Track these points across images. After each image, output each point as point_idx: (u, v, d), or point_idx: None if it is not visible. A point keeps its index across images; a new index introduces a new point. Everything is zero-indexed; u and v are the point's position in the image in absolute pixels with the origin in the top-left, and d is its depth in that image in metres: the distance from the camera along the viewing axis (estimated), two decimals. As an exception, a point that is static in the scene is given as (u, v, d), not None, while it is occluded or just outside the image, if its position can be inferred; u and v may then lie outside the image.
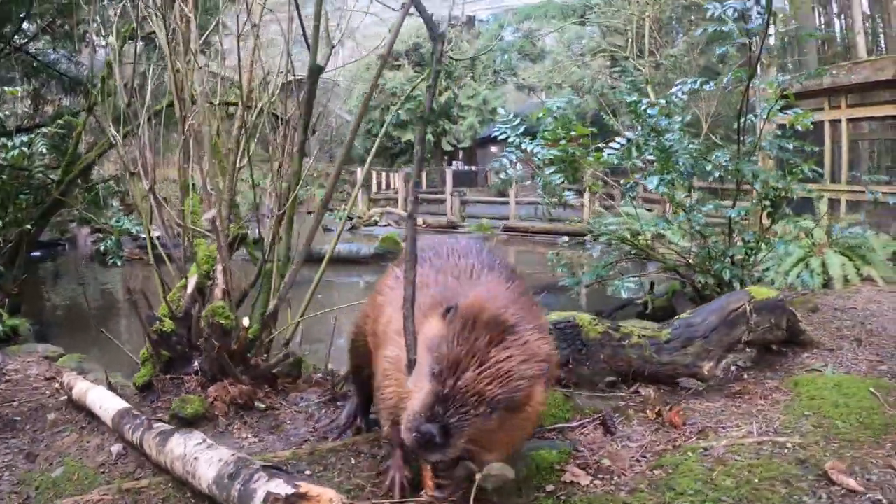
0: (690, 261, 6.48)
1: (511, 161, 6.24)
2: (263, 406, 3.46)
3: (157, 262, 4.64)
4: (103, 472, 2.87)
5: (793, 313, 4.48)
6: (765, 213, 6.01)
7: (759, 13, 5.39)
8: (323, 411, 3.55)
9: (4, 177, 7.38)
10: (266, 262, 4.50)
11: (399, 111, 30.20)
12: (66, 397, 3.93)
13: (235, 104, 5.34)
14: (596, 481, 2.64)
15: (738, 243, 6.15)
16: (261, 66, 5.10)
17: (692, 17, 19.75)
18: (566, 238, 8.58)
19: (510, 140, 6.11)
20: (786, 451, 2.80)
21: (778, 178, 5.91)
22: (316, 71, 4.26)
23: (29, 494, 2.75)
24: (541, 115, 6.21)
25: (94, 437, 3.26)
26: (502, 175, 6.96)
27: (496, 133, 6.35)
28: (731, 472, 2.59)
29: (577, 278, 7.06)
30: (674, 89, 6.00)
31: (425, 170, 29.33)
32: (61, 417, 3.65)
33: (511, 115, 6.34)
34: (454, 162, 32.95)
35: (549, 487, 2.57)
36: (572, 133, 5.93)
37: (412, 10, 3.09)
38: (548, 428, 3.24)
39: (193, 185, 5.26)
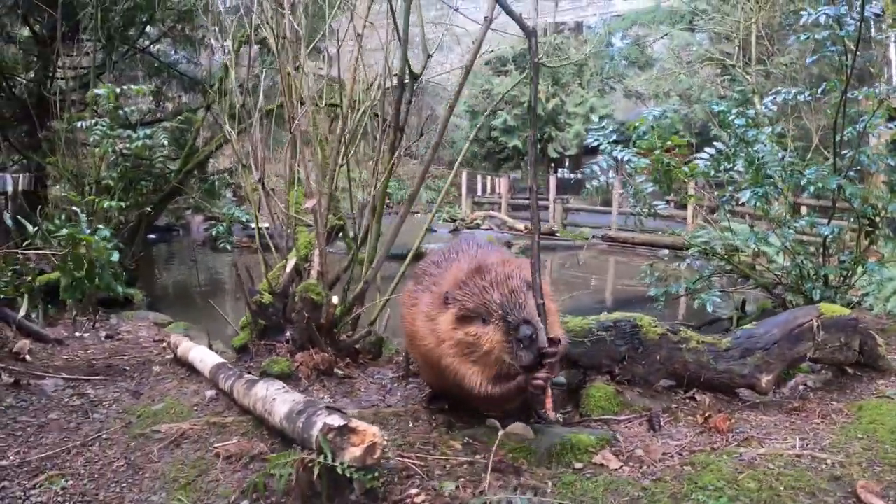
0: (783, 280, 6.30)
1: (602, 168, 6.25)
2: (341, 374, 3.89)
3: (264, 248, 5.19)
4: (196, 410, 3.39)
5: (872, 336, 4.35)
6: (863, 233, 5.77)
7: (853, 19, 5.22)
8: (395, 385, 3.92)
9: (128, 164, 8.21)
10: (358, 250, 4.91)
11: (507, 116, 30.50)
12: (171, 355, 4.52)
13: (338, 106, 5.78)
14: (625, 467, 2.84)
15: (834, 263, 5.92)
16: (363, 71, 5.51)
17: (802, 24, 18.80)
18: (666, 251, 8.45)
19: (601, 147, 6.15)
20: (823, 467, 2.85)
21: (879, 196, 5.70)
22: (403, 81, 4.67)
23: (131, 420, 3.28)
24: (637, 124, 6.16)
25: (192, 384, 3.82)
26: (594, 182, 7.10)
27: (590, 141, 6.38)
28: (758, 477, 2.70)
29: (662, 289, 6.85)
30: (766, 100, 5.97)
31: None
32: (165, 370, 4.24)
33: (604, 123, 6.35)
34: (560, 169, 32.87)
35: (578, 465, 2.82)
36: (668, 143, 5.88)
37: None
38: (595, 418, 3.46)
39: (298, 178, 5.73)
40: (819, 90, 5.97)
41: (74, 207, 5.46)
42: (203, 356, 3.92)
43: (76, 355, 4.82)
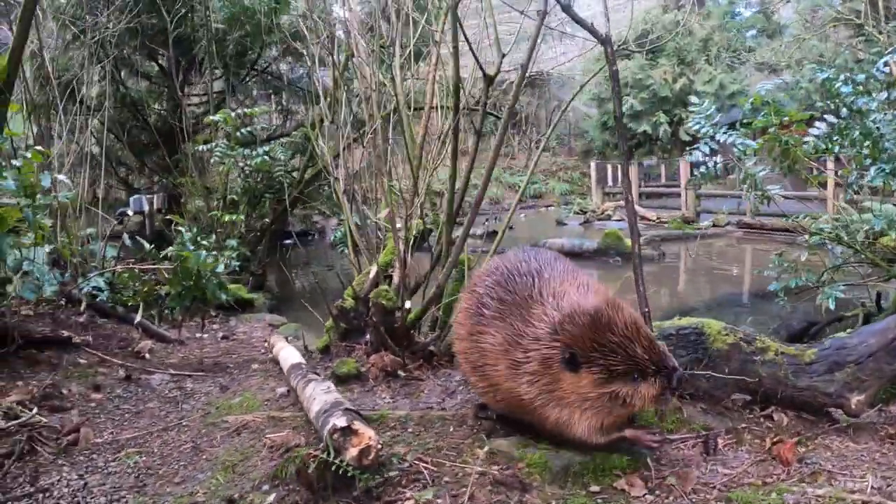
0: None
1: (705, 154, 5.73)
2: (406, 375, 3.99)
3: (357, 252, 5.43)
4: (266, 404, 3.62)
5: None
6: None
7: None
8: (460, 388, 3.94)
9: (250, 180, 8.85)
10: (439, 255, 5.01)
11: (633, 101, 29.55)
12: (270, 354, 4.84)
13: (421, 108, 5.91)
14: (648, 496, 2.63)
15: None
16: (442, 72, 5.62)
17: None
18: (807, 237, 7.77)
19: (703, 131, 5.69)
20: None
21: None
22: (488, 81, 4.74)
23: (209, 410, 3.59)
24: (751, 101, 5.70)
25: (273, 381, 4.09)
26: (701, 169, 6.74)
27: (691, 124, 5.95)
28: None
29: (783, 283, 6.12)
30: (880, 61, 5.31)
31: (664, 162, 28.38)
32: (261, 367, 4.56)
33: (704, 103, 5.92)
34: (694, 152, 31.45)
35: (595, 488, 2.66)
36: (784, 119, 5.39)
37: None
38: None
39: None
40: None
41: (179, 227, 5.98)
42: (288, 356, 4.18)
43: (192, 354, 5.29)
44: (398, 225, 4.85)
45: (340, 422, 2.36)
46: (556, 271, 3.03)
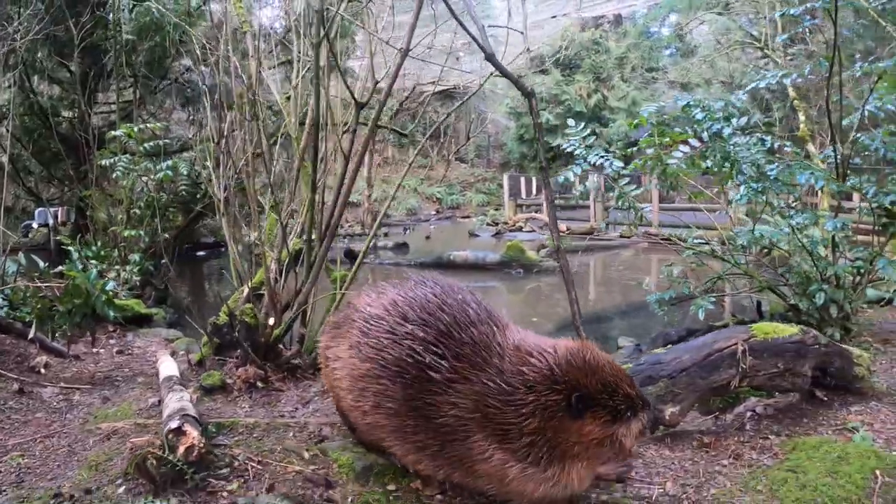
0: (788, 281, 5.92)
1: (575, 174, 5.99)
2: (264, 386, 4.54)
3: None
4: (138, 413, 4.13)
5: (844, 355, 4.00)
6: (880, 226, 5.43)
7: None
8: (317, 398, 4.46)
9: (153, 194, 9.23)
10: (308, 273, 5.52)
11: (549, 116, 30.81)
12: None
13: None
14: (439, 496, 2.91)
15: (845, 261, 5.53)
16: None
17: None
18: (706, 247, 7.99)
19: (576, 153, 6.02)
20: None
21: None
22: (358, 107, 5.19)
23: (88, 419, 4.09)
24: (636, 121, 6.03)
25: (150, 392, 4.59)
26: (578, 189, 7.19)
27: (565, 146, 6.25)
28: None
29: (658, 294, 6.52)
30: (750, 86, 5.89)
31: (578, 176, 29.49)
32: (145, 380, 5.05)
33: (579, 126, 6.25)
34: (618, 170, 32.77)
35: (391, 486, 3.00)
36: (665, 140, 5.63)
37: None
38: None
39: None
40: (806, 70, 5.85)
41: (70, 248, 6.38)
42: (165, 369, 4.67)
43: (86, 368, 5.68)
44: (268, 245, 5.40)
45: (174, 424, 2.94)
46: (500, 316, 2.80)
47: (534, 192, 29.37)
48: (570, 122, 6.57)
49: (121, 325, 7.28)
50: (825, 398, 3.98)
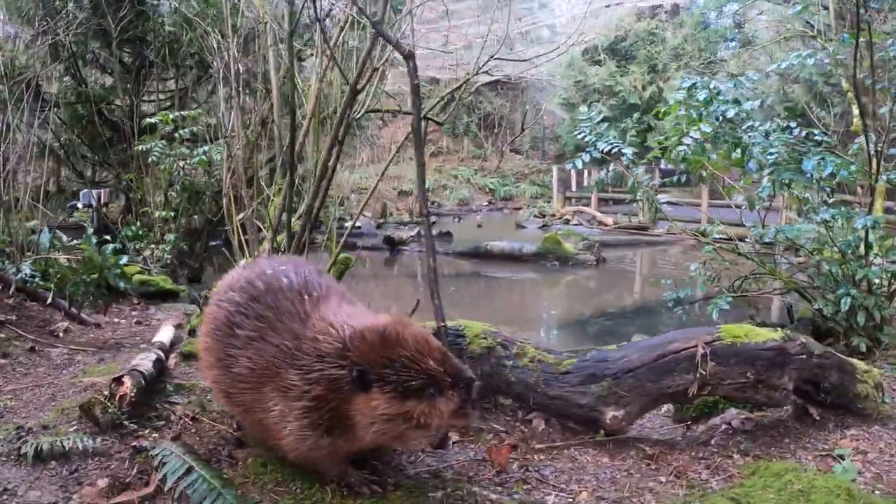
0: (815, 283, 5.63)
1: (584, 162, 5.91)
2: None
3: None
4: (121, 371, 4.51)
5: (846, 369, 3.55)
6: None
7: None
8: None
9: (189, 179, 9.75)
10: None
11: (602, 107, 30.42)
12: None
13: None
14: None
15: (880, 263, 5.13)
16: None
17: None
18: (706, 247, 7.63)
19: (587, 140, 5.91)
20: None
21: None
22: (353, 92, 5.36)
23: (78, 375, 4.47)
24: (665, 109, 5.93)
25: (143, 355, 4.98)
26: (595, 179, 7.08)
27: (576, 133, 6.16)
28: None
29: (674, 292, 6.37)
30: (772, 67, 5.83)
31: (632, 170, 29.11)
32: (147, 346, 5.45)
33: (592, 112, 6.12)
34: (661, 160, 32.17)
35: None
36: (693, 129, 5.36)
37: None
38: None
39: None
40: (830, 49, 5.61)
41: (85, 223, 6.88)
42: (158, 335, 4.98)
43: (102, 336, 6.13)
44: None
45: (114, 375, 3.29)
46: (324, 288, 2.91)
47: (584, 184, 29.08)
48: (583, 108, 6.46)
49: (147, 298, 7.77)
50: (819, 417, 3.54)
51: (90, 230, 6.15)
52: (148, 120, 9.72)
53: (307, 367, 2.60)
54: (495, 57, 5.47)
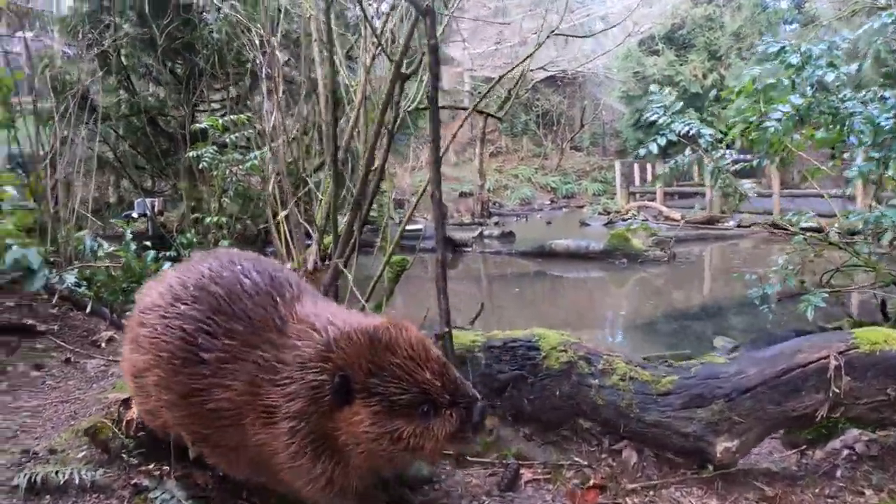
0: None
1: (660, 146, 5.48)
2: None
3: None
4: None
5: None
6: None
7: None
8: None
9: (242, 184, 9.55)
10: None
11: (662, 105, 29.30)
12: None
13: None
14: None
15: None
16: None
17: None
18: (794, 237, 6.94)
19: (660, 122, 5.44)
20: None
21: None
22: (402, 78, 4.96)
23: (108, 389, 4.14)
24: (738, 88, 5.39)
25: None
26: (667, 166, 6.37)
27: (648, 115, 5.67)
28: None
29: (760, 289, 5.63)
30: (860, 31, 5.25)
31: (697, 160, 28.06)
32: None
33: (665, 91, 5.64)
34: (729, 150, 30.89)
35: None
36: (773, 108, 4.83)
37: None
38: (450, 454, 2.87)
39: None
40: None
41: (123, 229, 6.68)
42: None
43: (147, 345, 5.94)
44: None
45: (124, 395, 2.88)
46: (295, 286, 2.45)
47: (648, 179, 28.06)
48: (653, 87, 5.93)
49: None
50: None
51: (128, 237, 5.90)
52: (196, 126, 9.56)
53: (287, 378, 2.15)
54: (559, 33, 4.96)
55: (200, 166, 9.33)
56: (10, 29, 8.22)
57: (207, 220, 9.09)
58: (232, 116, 9.71)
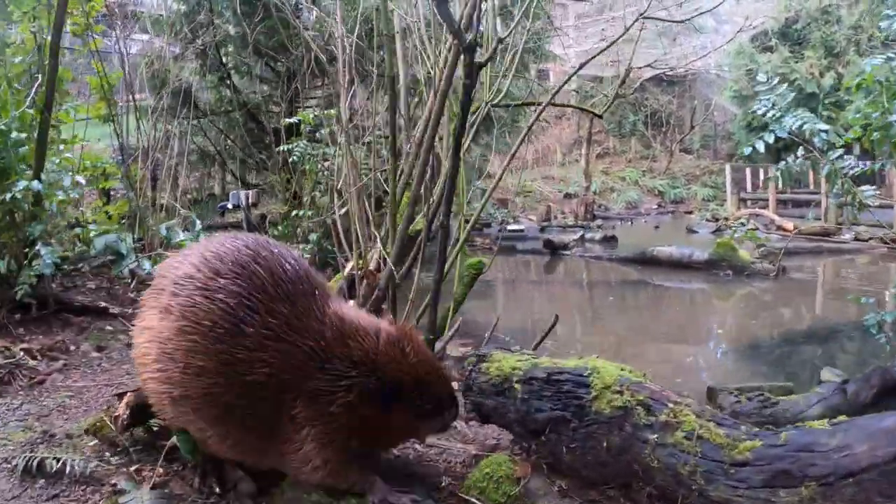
0: None
1: (767, 143, 4.81)
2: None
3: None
4: None
5: None
6: None
7: None
8: None
9: (333, 177, 9.62)
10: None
11: (778, 98, 27.45)
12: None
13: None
14: None
15: None
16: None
17: None
18: None
19: (770, 116, 4.82)
20: None
21: None
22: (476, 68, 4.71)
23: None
24: (858, 80, 4.86)
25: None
26: (778, 168, 5.67)
27: (756, 108, 5.10)
28: None
29: (878, 315, 4.98)
30: None
31: (809, 168, 26.22)
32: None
33: (774, 81, 4.98)
34: (846, 156, 28.62)
35: None
36: None
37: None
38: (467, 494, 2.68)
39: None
40: None
41: (194, 216, 6.81)
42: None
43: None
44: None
45: (122, 391, 2.85)
46: (319, 280, 2.62)
47: (760, 185, 26.37)
48: (761, 75, 5.28)
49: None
50: None
51: (198, 227, 6.02)
52: (287, 120, 9.73)
53: (338, 371, 2.39)
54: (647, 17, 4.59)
55: (290, 160, 9.51)
56: (112, 29, 8.60)
57: (298, 213, 9.25)
58: (323, 111, 9.85)
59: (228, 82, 12.09)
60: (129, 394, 2.82)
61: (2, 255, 5.05)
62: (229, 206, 10.64)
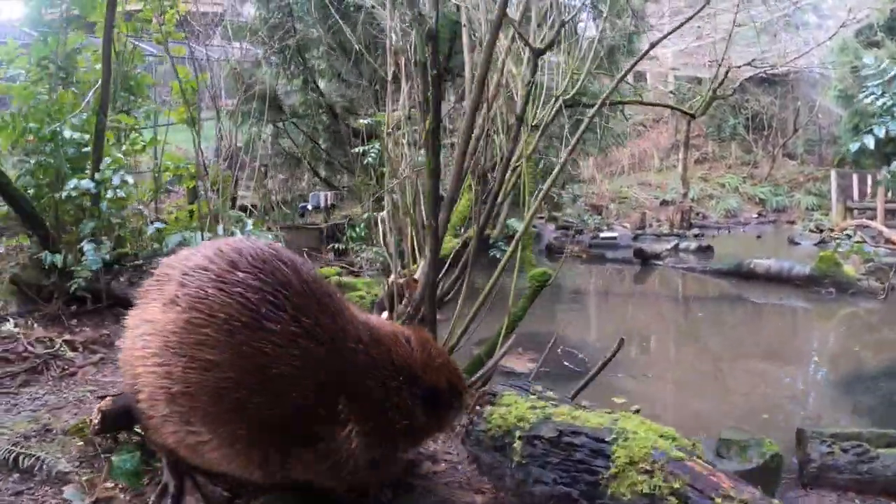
0: None
1: (878, 139, 4.56)
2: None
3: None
4: None
5: None
6: None
7: None
8: None
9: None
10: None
11: (885, 97, 25.38)
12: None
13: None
14: None
15: None
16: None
17: None
18: None
19: (880, 105, 4.56)
20: None
21: None
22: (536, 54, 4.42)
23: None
24: None
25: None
26: (891, 170, 4.85)
27: (863, 95, 4.78)
28: None
29: None
30: None
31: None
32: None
33: (883, 64, 4.60)
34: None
35: None
36: None
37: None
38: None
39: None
40: None
41: (244, 217, 6.86)
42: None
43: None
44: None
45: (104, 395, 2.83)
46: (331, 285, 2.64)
47: (868, 193, 24.24)
48: (867, 59, 4.88)
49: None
50: None
51: (248, 226, 6.06)
52: (361, 122, 9.77)
53: (378, 375, 2.42)
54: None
55: (365, 162, 9.55)
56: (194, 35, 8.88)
57: (377, 214, 9.28)
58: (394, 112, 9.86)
59: (313, 85, 12.31)
60: (106, 398, 2.79)
61: (60, 250, 5.28)
62: (309, 207, 10.82)
